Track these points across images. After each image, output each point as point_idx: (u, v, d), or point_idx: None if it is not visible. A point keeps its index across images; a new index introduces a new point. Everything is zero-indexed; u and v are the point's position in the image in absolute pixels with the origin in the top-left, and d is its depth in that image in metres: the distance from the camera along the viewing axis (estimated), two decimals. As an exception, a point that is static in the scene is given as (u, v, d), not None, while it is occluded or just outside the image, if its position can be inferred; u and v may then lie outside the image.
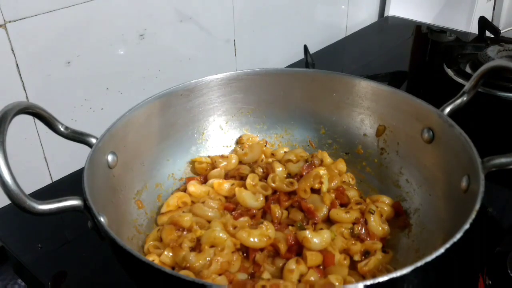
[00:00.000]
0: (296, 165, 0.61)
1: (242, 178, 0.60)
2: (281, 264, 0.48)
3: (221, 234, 0.49)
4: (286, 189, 0.56)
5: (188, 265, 0.47)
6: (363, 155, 0.64)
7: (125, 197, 0.55)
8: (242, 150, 0.64)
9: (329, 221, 0.54)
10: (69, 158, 0.67)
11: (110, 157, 0.52)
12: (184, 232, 0.51)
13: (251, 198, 0.56)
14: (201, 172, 0.63)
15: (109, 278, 0.53)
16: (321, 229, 0.51)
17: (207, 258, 0.47)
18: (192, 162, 0.64)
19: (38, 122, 0.49)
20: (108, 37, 0.70)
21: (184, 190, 0.59)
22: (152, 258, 0.49)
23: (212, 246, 0.49)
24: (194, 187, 0.59)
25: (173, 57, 0.80)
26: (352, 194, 0.58)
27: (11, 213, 0.62)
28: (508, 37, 0.98)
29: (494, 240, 0.54)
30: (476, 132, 0.51)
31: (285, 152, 0.65)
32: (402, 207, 0.57)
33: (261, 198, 0.56)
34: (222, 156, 0.64)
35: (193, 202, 0.58)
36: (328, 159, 0.63)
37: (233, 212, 0.55)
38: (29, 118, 0.48)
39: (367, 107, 0.63)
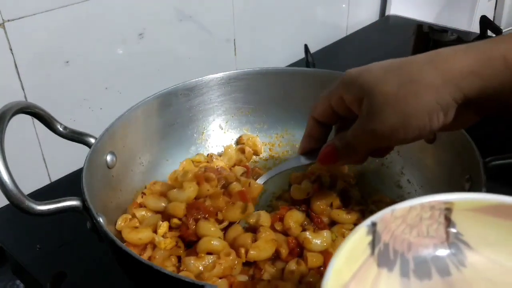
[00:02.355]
0: (303, 187, 0.56)
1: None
2: (281, 266, 0.48)
3: (215, 242, 0.48)
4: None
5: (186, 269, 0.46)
6: (364, 155, 0.63)
7: (125, 197, 0.55)
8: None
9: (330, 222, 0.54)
10: (68, 158, 0.67)
11: (109, 157, 0.52)
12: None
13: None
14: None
15: (108, 279, 0.53)
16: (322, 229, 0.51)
17: (206, 262, 0.47)
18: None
19: (36, 122, 0.49)
20: (107, 36, 0.70)
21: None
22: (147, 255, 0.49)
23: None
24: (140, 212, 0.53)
25: (172, 56, 0.80)
26: (353, 195, 0.57)
27: (10, 214, 0.62)
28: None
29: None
30: (477, 132, 0.51)
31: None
32: (403, 208, 0.56)
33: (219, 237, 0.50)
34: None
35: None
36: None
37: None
38: (27, 118, 0.48)
39: (368, 107, 0.62)
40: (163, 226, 0.50)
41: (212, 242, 0.48)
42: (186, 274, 0.46)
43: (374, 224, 0.33)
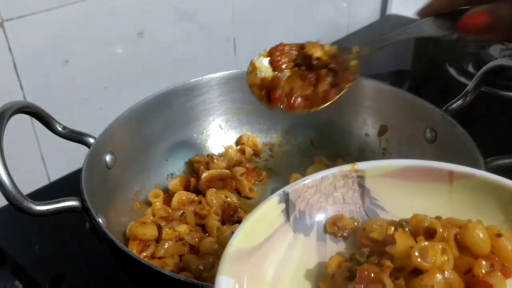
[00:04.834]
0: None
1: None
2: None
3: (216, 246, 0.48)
4: None
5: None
6: (364, 155, 0.63)
7: (124, 197, 0.54)
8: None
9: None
10: (67, 158, 0.67)
11: (108, 157, 0.52)
12: None
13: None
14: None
15: (107, 279, 0.53)
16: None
17: (206, 262, 0.46)
18: (190, 162, 0.63)
19: (35, 121, 0.48)
20: (106, 35, 0.69)
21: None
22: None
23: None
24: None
25: (172, 55, 0.79)
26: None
27: (9, 214, 0.61)
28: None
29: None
30: (479, 132, 0.50)
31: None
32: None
33: None
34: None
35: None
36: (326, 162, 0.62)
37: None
38: (26, 117, 0.48)
39: (369, 107, 0.62)
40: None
41: (214, 244, 0.48)
42: (186, 274, 0.46)
43: (286, 194, 0.34)
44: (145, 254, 0.48)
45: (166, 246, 0.48)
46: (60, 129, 0.50)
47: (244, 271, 0.30)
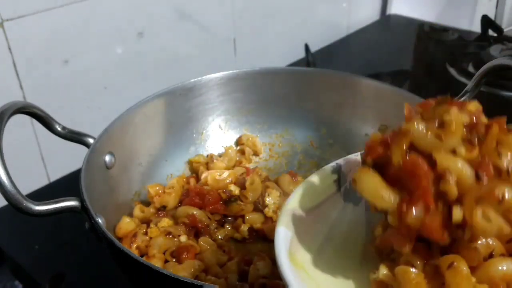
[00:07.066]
0: None
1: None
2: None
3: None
4: None
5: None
6: (364, 155, 0.63)
7: (124, 197, 0.54)
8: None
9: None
10: (66, 159, 0.67)
11: (107, 158, 0.52)
12: None
13: None
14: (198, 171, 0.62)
15: (107, 279, 0.53)
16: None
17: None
18: (190, 163, 0.63)
19: (35, 122, 0.48)
20: (106, 35, 0.69)
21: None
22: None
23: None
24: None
25: (172, 56, 0.79)
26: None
27: (8, 214, 0.61)
28: (511, 35, 0.97)
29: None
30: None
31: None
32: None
33: None
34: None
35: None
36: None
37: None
38: (26, 117, 0.48)
39: (369, 107, 0.62)
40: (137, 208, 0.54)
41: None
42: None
43: (339, 166, 0.37)
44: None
45: (157, 244, 0.48)
46: (59, 129, 0.50)
47: (299, 229, 0.33)
